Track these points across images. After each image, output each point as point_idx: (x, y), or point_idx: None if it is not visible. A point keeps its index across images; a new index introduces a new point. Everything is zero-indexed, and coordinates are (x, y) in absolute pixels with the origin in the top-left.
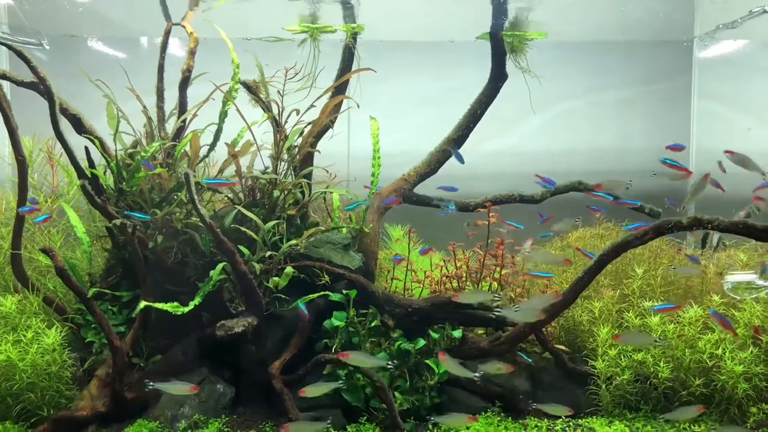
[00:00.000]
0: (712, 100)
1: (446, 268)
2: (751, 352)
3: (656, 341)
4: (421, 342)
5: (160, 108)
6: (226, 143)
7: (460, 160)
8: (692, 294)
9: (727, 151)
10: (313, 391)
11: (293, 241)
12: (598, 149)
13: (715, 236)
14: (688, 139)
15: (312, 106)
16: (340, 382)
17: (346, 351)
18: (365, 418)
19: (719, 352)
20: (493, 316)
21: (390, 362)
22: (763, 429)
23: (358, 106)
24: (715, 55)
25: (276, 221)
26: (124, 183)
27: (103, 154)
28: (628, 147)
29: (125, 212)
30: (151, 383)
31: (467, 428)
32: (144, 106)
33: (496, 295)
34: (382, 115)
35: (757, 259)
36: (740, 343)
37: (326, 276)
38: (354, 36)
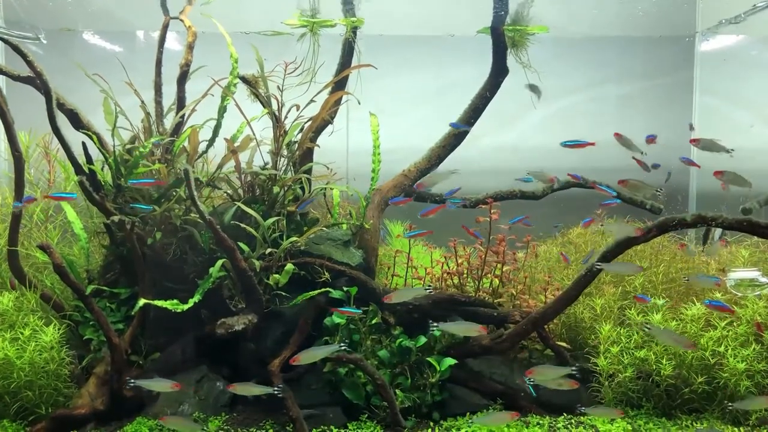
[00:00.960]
0: (713, 96)
1: (447, 265)
2: (754, 349)
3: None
4: (422, 339)
5: (158, 103)
6: (225, 139)
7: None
8: (694, 291)
9: (692, 141)
10: (308, 357)
11: (293, 238)
12: (598, 145)
13: (716, 232)
14: (689, 134)
15: (312, 101)
16: (341, 345)
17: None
18: (366, 415)
19: (722, 349)
20: (495, 314)
21: (342, 343)
22: (765, 427)
23: (359, 103)
24: (717, 51)
25: (276, 218)
26: (122, 179)
27: (100, 150)
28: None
29: (130, 205)
30: (133, 381)
31: (469, 425)
32: (142, 101)
33: (428, 287)
34: (382, 111)
35: (759, 256)
36: (742, 341)
37: (327, 273)
38: (354, 30)
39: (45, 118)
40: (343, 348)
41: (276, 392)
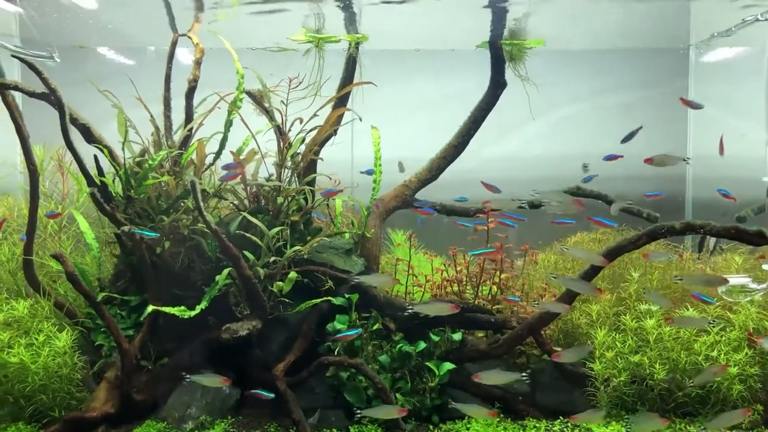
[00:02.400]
0: (708, 105)
1: (447, 272)
2: (746, 353)
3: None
4: (422, 345)
5: (167, 117)
6: (231, 151)
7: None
8: (688, 297)
9: (646, 160)
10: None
11: (297, 247)
12: (597, 154)
13: (711, 240)
14: (685, 142)
15: (315, 115)
16: (523, 375)
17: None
18: (367, 419)
19: (714, 354)
20: (493, 320)
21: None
22: (757, 430)
23: (360, 120)
24: (711, 62)
25: (280, 227)
26: (132, 190)
27: (111, 163)
28: (627, 152)
29: (133, 231)
30: (189, 377)
31: (467, 429)
32: (151, 116)
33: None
34: (384, 122)
35: (753, 262)
36: (735, 345)
37: (329, 280)
38: (357, 45)
39: (59, 133)
40: (524, 377)
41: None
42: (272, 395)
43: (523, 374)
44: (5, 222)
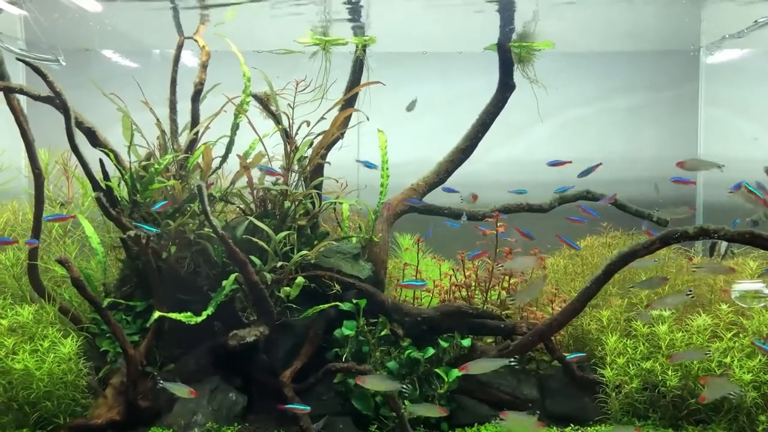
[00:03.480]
0: (719, 108)
1: (455, 277)
2: (760, 360)
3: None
4: (431, 351)
5: (173, 120)
6: (237, 155)
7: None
8: (700, 302)
9: (678, 164)
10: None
11: (304, 252)
12: (606, 157)
13: (723, 245)
14: (695, 146)
15: (322, 118)
16: (512, 360)
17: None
18: (375, 426)
19: (728, 360)
20: (503, 326)
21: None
22: None
23: (368, 119)
24: (722, 63)
25: (287, 231)
26: (138, 195)
27: (117, 167)
28: (637, 155)
29: (136, 224)
30: (161, 382)
31: None
32: (157, 119)
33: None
34: (391, 125)
35: (767, 266)
36: (749, 352)
37: (337, 285)
38: (364, 48)
39: (64, 136)
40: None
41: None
42: (308, 408)
43: (512, 360)
44: (16, 242)
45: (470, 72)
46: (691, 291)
